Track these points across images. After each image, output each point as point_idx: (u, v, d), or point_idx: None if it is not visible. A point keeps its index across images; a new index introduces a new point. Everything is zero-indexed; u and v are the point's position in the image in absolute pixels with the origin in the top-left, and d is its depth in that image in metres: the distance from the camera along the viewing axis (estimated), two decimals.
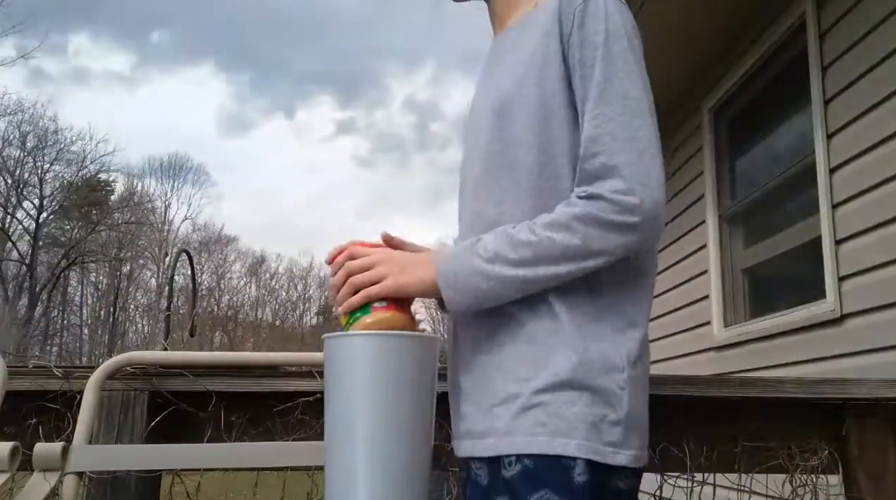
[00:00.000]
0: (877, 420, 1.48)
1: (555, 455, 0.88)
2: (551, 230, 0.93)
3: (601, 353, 0.93)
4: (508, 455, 0.91)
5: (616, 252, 0.93)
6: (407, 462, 0.93)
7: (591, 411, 0.90)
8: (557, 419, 0.90)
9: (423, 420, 0.96)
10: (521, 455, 0.90)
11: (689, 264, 4.41)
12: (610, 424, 0.91)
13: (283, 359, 1.41)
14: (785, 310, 3.32)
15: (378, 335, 0.95)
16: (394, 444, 0.92)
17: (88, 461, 1.27)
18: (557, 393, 0.91)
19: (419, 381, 0.96)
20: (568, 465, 0.88)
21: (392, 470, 0.92)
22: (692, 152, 4.41)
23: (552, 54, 0.99)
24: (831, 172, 2.95)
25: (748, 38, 3.71)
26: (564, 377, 0.91)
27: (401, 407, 0.93)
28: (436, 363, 0.99)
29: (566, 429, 0.89)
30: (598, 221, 0.91)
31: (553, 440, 0.89)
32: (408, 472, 0.93)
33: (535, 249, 0.93)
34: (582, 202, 0.93)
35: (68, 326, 32.47)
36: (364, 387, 0.92)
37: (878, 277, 2.67)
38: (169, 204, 35.52)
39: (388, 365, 0.93)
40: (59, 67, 49.09)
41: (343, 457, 0.91)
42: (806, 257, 3.19)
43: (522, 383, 0.93)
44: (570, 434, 0.89)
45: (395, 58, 61.73)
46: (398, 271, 0.99)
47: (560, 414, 0.90)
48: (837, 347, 2.86)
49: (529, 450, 0.89)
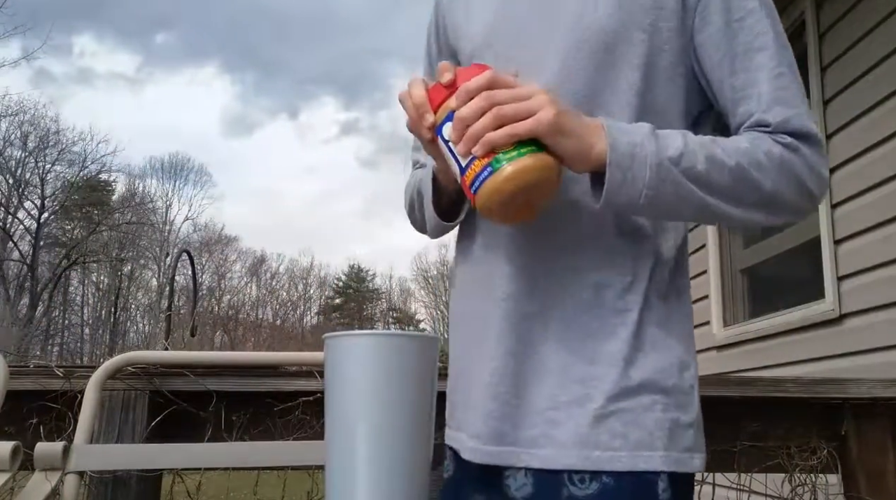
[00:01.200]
0: (876, 420, 1.49)
1: (638, 472, 0.77)
2: (746, 161, 0.77)
3: (673, 349, 0.83)
4: (580, 472, 0.78)
5: (783, 216, 0.82)
6: (407, 462, 0.93)
7: (667, 416, 0.80)
8: (637, 428, 0.79)
9: (424, 420, 0.96)
10: (599, 472, 0.78)
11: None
12: (684, 427, 0.81)
13: (283, 359, 1.41)
14: (784, 310, 3.33)
15: (378, 335, 0.96)
16: (394, 444, 0.92)
17: (89, 460, 1.28)
18: (634, 398, 0.79)
19: (420, 381, 0.96)
20: (652, 481, 0.78)
21: (392, 470, 0.92)
22: None
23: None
24: (830, 173, 2.95)
25: None
26: (640, 379, 0.80)
27: (401, 407, 0.93)
28: (436, 363, 1.00)
29: (647, 440, 0.78)
30: (796, 178, 0.79)
31: (636, 455, 0.78)
32: (408, 472, 0.93)
33: (729, 175, 0.77)
34: (782, 149, 0.79)
35: (69, 325, 32.50)
36: (365, 387, 0.92)
37: (876, 277, 2.67)
38: (170, 204, 35.55)
39: (389, 365, 0.93)
40: (63, 68, 49.21)
41: (343, 457, 0.92)
42: (805, 257, 3.20)
43: (590, 384, 0.80)
44: (652, 446, 0.78)
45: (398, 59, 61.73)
46: (559, 112, 0.73)
47: (639, 423, 0.79)
48: (836, 346, 2.87)
49: (612, 467, 0.77)
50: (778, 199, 0.79)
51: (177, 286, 22.04)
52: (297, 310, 40.50)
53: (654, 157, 0.74)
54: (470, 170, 0.75)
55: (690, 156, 0.75)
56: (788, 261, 3.51)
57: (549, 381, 0.82)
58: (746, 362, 3.62)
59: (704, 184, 0.76)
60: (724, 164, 0.76)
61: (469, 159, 0.75)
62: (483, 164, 0.73)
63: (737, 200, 0.78)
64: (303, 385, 1.40)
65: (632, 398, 0.79)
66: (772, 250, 3.64)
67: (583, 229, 0.84)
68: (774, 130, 0.80)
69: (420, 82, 0.79)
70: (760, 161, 0.78)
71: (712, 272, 4.06)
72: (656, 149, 0.75)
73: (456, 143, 0.75)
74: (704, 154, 0.76)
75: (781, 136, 0.80)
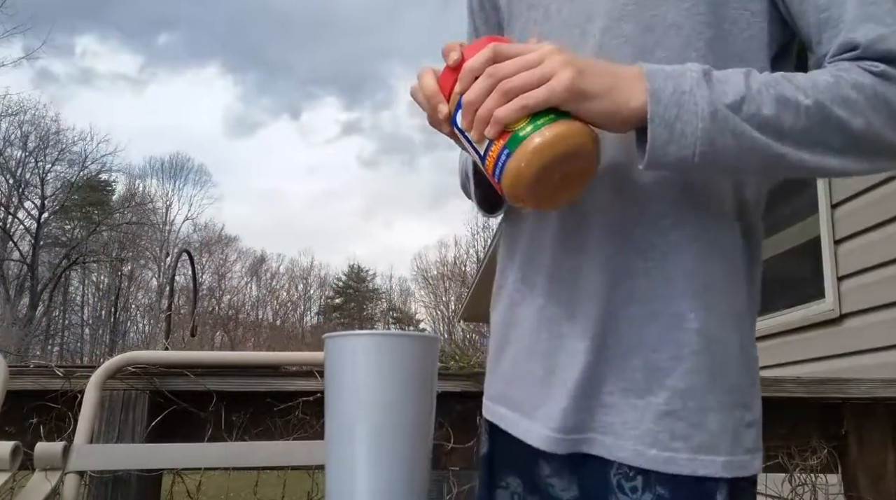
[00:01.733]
0: (875, 419, 1.49)
1: (697, 477, 0.70)
2: (829, 97, 0.65)
3: (741, 339, 0.75)
4: (632, 467, 0.72)
5: (880, 162, 0.69)
6: (407, 462, 0.93)
7: (732, 416, 0.72)
8: (700, 430, 0.71)
9: (424, 420, 0.96)
10: (652, 472, 0.71)
11: None
12: (747, 426, 0.73)
13: (283, 359, 1.41)
14: (784, 310, 3.33)
15: (379, 335, 0.96)
16: (394, 443, 0.92)
17: (89, 460, 1.28)
18: (699, 396, 0.71)
19: (420, 380, 0.96)
20: (711, 489, 0.70)
21: (392, 470, 0.92)
22: None
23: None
24: None
25: None
26: (707, 373, 0.72)
27: (402, 406, 0.93)
28: (436, 363, 1.00)
29: (709, 442, 0.71)
30: (893, 109, 0.66)
31: (695, 458, 0.70)
32: (408, 472, 0.93)
33: (806, 116, 0.65)
34: (874, 79, 0.66)
35: (69, 325, 32.51)
36: (365, 386, 0.93)
37: (876, 277, 2.67)
38: (170, 204, 35.56)
39: (389, 364, 0.93)
40: (66, 69, 49.26)
41: (343, 457, 0.92)
42: (805, 256, 3.20)
43: (654, 374, 0.72)
44: (714, 449, 0.70)
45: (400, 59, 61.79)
46: (577, 72, 0.63)
47: (703, 424, 0.71)
48: (836, 346, 2.87)
49: (667, 468, 0.70)
50: (871, 140, 0.66)
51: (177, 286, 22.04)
52: (297, 310, 40.52)
53: (708, 105, 0.63)
54: (489, 156, 0.66)
55: (755, 99, 0.64)
56: (788, 261, 3.51)
57: (626, 371, 0.74)
58: None
59: (775, 130, 0.64)
60: (799, 103, 0.64)
61: (486, 145, 0.66)
62: (500, 146, 0.64)
63: (818, 145, 0.65)
64: (303, 385, 1.40)
65: (696, 395, 0.71)
66: (772, 249, 3.64)
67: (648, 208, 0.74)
68: (864, 53, 0.68)
69: (430, 72, 0.71)
70: (847, 96, 0.65)
71: None
72: (709, 95, 0.63)
73: (468, 130, 0.67)
74: (773, 94, 0.64)
75: (872, 63, 0.67)
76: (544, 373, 0.79)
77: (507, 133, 0.64)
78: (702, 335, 0.72)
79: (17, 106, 27.51)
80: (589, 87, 0.63)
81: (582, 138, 0.64)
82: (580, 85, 0.63)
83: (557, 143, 0.63)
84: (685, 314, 0.73)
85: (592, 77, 0.64)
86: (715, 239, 0.74)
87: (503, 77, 0.64)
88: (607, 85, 0.64)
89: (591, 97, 0.63)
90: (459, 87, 0.67)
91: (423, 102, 0.72)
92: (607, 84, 0.64)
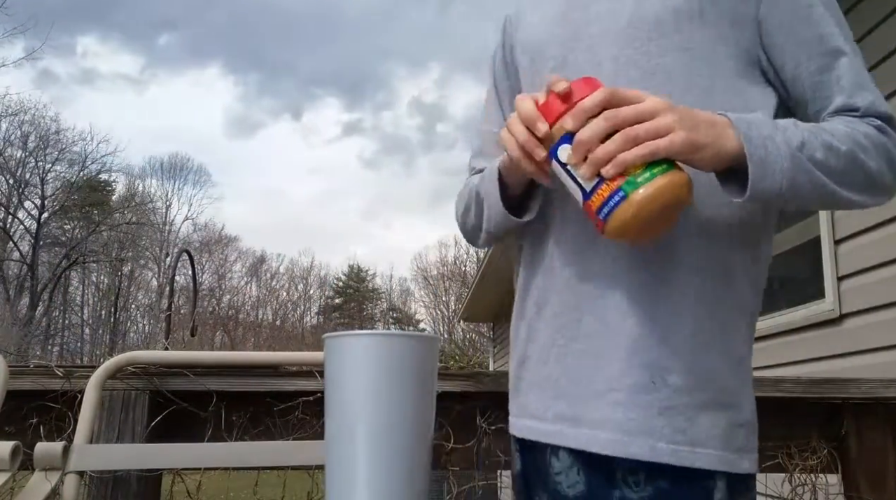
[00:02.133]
0: (875, 420, 1.49)
1: (694, 469, 0.76)
2: (854, 145, 0.78)
3: (730, 342, 0.81)
4: (636, 461, 0.77)
5: (880, 197, 0.82)
6: (407, 462, 0.93)
7: (725, 415, 0.79)
8: (695, 425, 0.77)
9: (424, 419, 0.96)
10: (655, 465, 0.76)
11: None
12: (737, 426, 0.80)
13: (283, 359, 1.41)
14: (784, 309, 3.33)
15: (379, 335, 0.96)
16: (394, 443, 0.92)
17: (89, 460, 1.28)
18: (693, 393, 0.78)
19: (420, 380, 0.96)
20: (710, 485, 0.76)
21: (393, 470, 0.92)
22: None
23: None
24: None
25: None
26: (700, 373, 0.79)
27: (402, 406, 0.93)
28: (436, 363, 1.00)
29: (703, 437, 0.77)
30: (891, 159, 0.81)
31: (694, 451, 0.76)
32: (408, 471, 0.93)
33: (843, 160, 0.77)
34: (876, 132, 0.81)
35: (69, 325, 32.49)
36: (365, 386, 0.92)
37: (876, 276, 2.67)
38: (170, 204, 35.56)
39: (390, 364, 0.93)
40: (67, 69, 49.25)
41: (344, 456, 0.92)
42: (805, 256, 3.20)
43: (657, 372, 0.78)
44: (707, 443, 0.77)
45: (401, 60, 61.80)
46: (690, 126, 0.72)
47: (697, 421, 0.77)
48: (836, 346, 2.87)
49: (669, 459, 0.76)
50: (879, 180, 0.80)
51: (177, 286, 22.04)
52: (297, 310, 40.51)
53: (786, 147, 0.74)
54: (596, 195, 0.71)
55: (811, 144, 0.76)
56: (789, 261, 3.51)
57: (613, 363, 0.80)
58: None
59: (826, 170, 0.76)
60: (839, 149, 0.77)
61: (595, 184, 0.71)
62: (613, 188, 0.70)
63: (850, 184, 0.78)
64: (303, 385, 1.40)
65: (692, 393, 0.78)
66: (772, 249, 3.64)
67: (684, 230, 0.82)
68: (864, 113, 0.82)
69: (529, 98, 0.77)
70: (864, 144, 0.79)
71: None
72: (783, 139, 0.75)
73: (578, 166, 0.72)
74: (820, 141, 0.76)
75: (871, 119, 0.82)
76: (565, 380, 0.85)
77: (622, 176, 0.70)
78: (696, 339, 0.79)
79: (17, 106, 27.52)
80: (702, 139, 0.72)
81: (688, 184, 0.71)
82: (696, 139, 0.72)
83: (672, 190, 0.70)
84: (682, 319, 0.80)
85: (702, 130, 0.73)
86: (723, 261, 0.83)
87: (624, 123, 0.71)
88: (713, 135, 0.73)
89: (701, 148, 0.72)
90: (572, 124, 0.72)
91: (516, 125, 0.77)
92: (713, 135, 0.73)
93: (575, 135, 0.72)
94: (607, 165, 0.70)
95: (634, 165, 0.69)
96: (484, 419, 1.43)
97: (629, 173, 0.69)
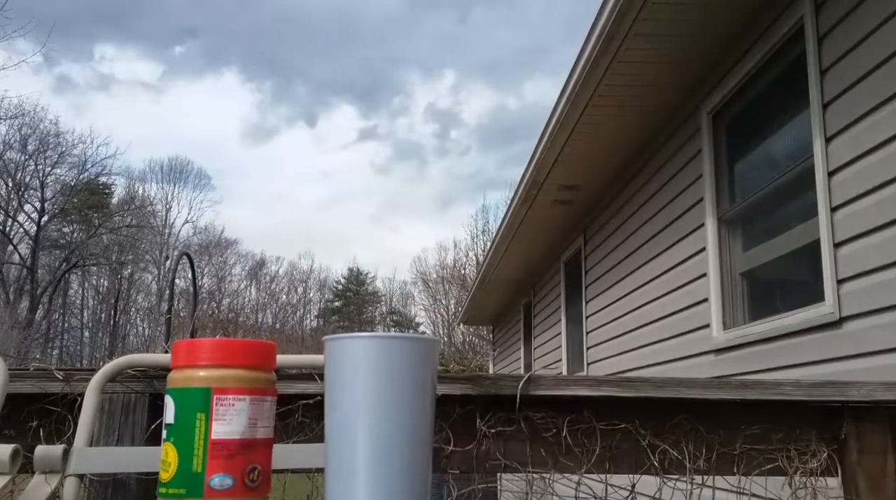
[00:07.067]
0: (875, 423, 1.49)
1: None
2: None
3: None
4: None
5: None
6: (408, 465, 0.93)
7: None
8: None
9: (424, 422, 0.96)
10: None
11: (688, 267, 4.41)
12: None
13: (283, 361, 1.41)
14: (784, 313, 3.33)
15: (379, 337, 0.96)
16: (395, 446, 0.92)
17: (89, 463, 1.28)
18: None
19: (420, 383, 0.96)
20: None
21: (393, 473, 0.92)
22: (691, 156, 4.41)
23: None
24: (830, 175, 2.95)
25: (747, 42, 3.72)
26: None
27: (402, 409, 0.93)
28: (436, 365, 1.00)
29: None
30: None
31: None
32: (409, 475, 0.93)
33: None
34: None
35: (69, 328, 32.48)
36: (365, 389, 0.92)
37: (876, 279, 2.67)
38: (170, 207, 35.54)
39: (390, 367, 0.93)
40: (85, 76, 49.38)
41: (343, 459, 0.92)
42: (805, 259, 3.20)
43: None
44: None
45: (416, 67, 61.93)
46: None
47: None
48: (836, 349, 2.87)
49: None
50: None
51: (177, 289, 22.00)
52: (296, 313, 40.48)
53: None
54: None
55: None
56: (788, 264, 3.51)
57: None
58: (746, 365, 3.62)
59: None
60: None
61: None
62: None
63: None
64: (303, 388, 1.39)
65: None
66: (772, 252, 3.64)
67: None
68: None
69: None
70: None
71: (712, 275, 4.05)
72: None
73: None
74: None
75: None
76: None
77: None
78: None
79: (17, 109, 27.54)
80: None
81: None
82: None
83: None
84: None
85: None
86: None
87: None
88: None
89: None
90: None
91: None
92: None
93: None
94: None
95: None
96: (484, 423, 1.43)
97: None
